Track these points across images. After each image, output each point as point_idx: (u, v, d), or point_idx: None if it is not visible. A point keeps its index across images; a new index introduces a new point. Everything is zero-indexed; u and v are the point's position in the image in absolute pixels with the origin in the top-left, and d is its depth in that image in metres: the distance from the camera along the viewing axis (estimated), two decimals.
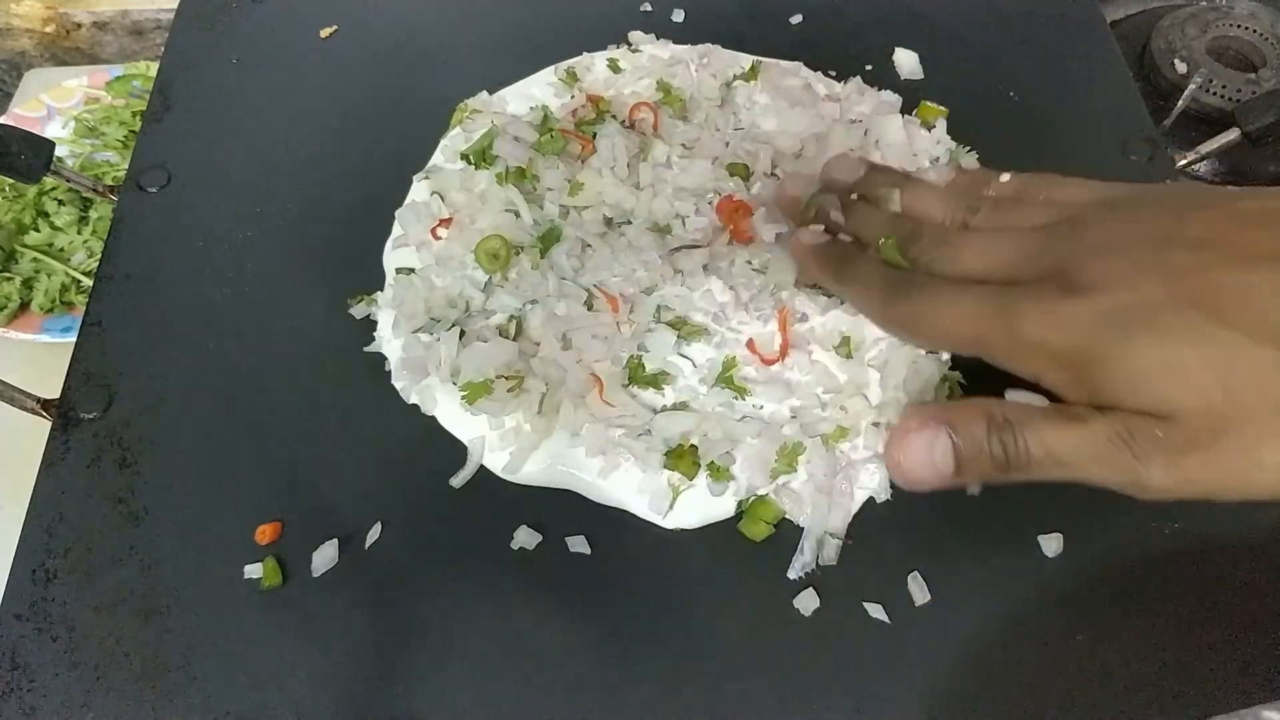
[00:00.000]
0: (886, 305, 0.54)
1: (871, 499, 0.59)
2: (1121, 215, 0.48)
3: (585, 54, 0.80)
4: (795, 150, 0.72)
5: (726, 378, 0.60)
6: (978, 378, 0.64)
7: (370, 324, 0.66)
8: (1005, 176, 0.58)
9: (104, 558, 0.57)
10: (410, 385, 0.63)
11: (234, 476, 0.60)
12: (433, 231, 0.68)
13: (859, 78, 0.79)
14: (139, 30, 1.34)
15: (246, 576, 0.56)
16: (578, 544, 0.57)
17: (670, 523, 0.58)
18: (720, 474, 0.58)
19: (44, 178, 0.68)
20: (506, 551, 0.57)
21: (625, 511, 0.58)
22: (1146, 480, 0.42)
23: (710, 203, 0.68)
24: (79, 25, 1.32)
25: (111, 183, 0.76)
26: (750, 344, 0.62)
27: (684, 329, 0.62)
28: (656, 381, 0.60)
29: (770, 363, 0.61)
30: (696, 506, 0.58)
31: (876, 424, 0.60)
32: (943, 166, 0.72)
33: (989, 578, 0.56)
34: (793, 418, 0.60)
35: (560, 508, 0.59)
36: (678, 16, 0.85)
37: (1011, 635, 0.54)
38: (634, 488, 0.58)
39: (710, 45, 0.80)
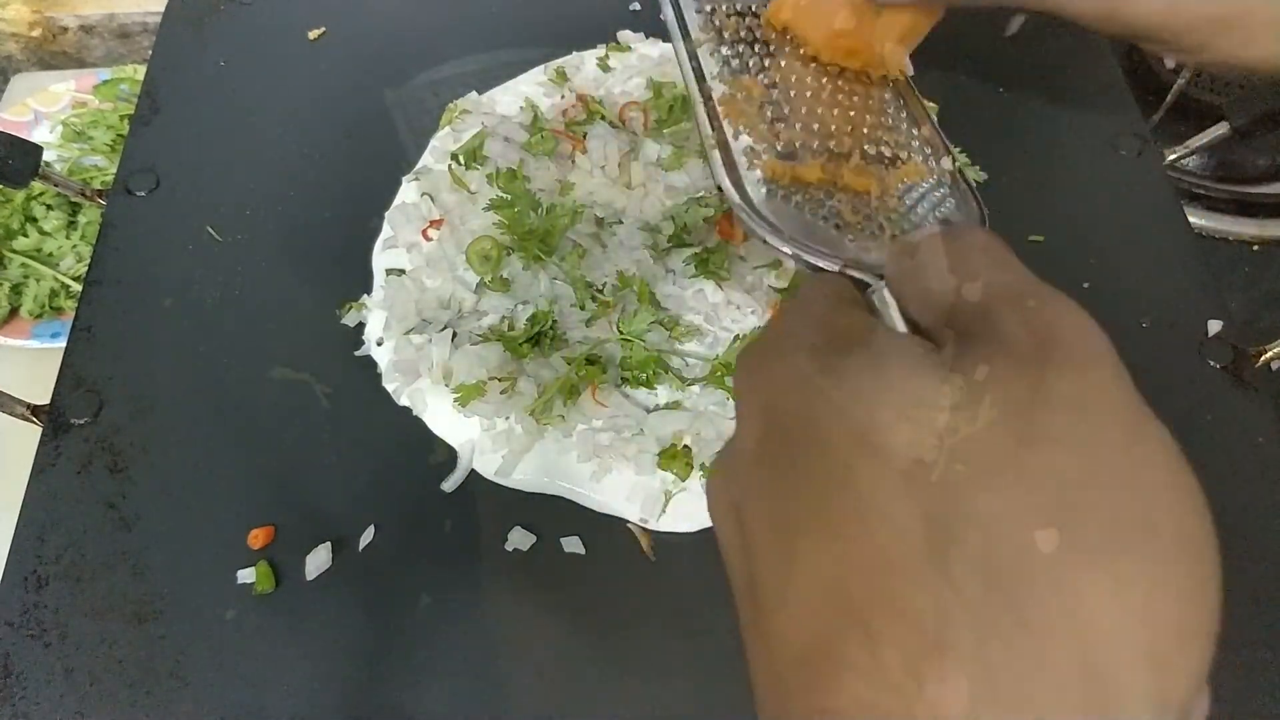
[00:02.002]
0: None
1: None
2: None
3: (575, 53, 0.80)
4: None
5: (718, 378, 0.60)
6: None
7: (361, 326, 0.66)
8: None
9: (96, 563, 0.56)
10: (402, 388, 0.62)
11: (226, 481, 0.60)
12: (423, 233, 0.68)
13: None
14: (126, 33, 1.33)
15: (240, 581, 0.56)
16: (572, 544, 0.57)
17: (665, 526, 0.58)
18: None
19: (32, 183, 0.68)
20: (500, 553, 0.57)
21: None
22: None
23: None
24: (65, 29, 1.32)
25: (100, 187, 0.75)
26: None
27: (676, 329, 0.62)
28: (649, 381, 0.60)
29: None
30: (691, 513, 0.58)
31: None
32: None
33: None
34: None
35: (554, 510, 0.58)
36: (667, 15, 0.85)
37: None
38: (624, 495, 0.58)
39: None
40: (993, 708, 0.22)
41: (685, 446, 0.58)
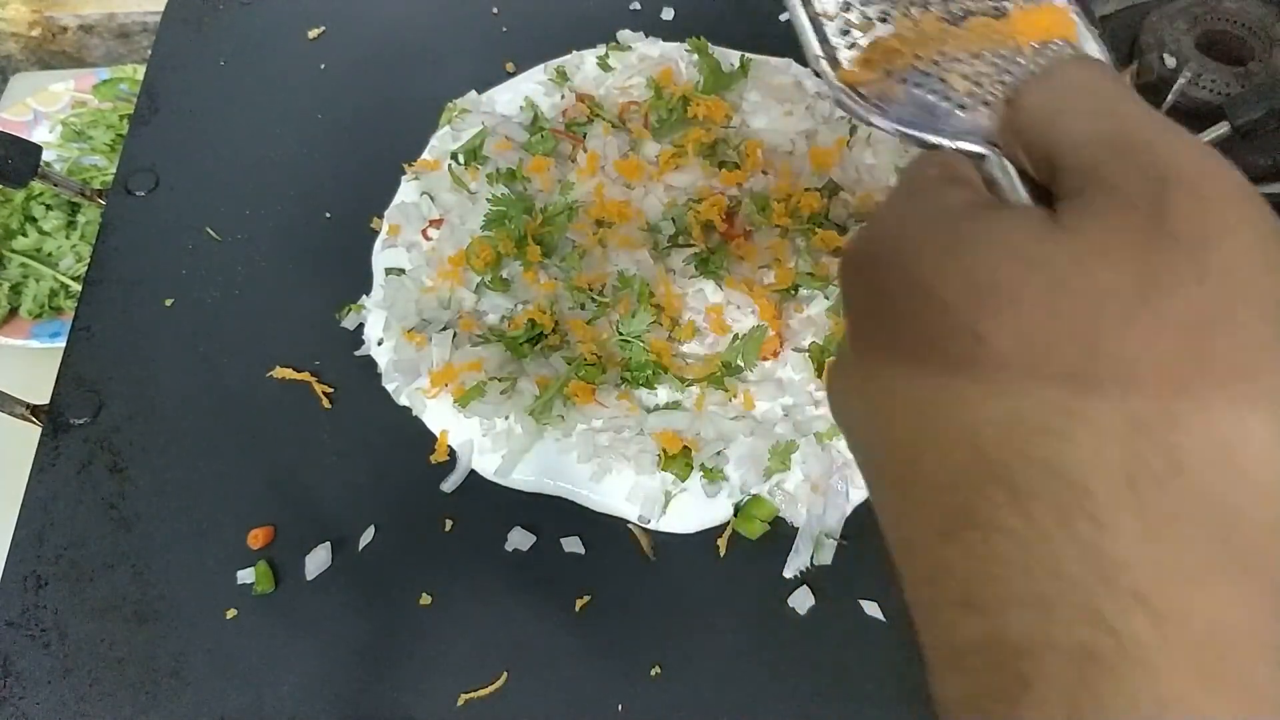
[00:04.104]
0: None
1: (867, 498, 0.59)
2: None
3: (575, 52, 0.80)
4: (786, 148, 0.72)
5: (718, 378, 0.60)
6: None
7: (361, 327, 0.66)
8: None
9: (96, 564, 0.56)
10: (402, 387, 0.62)
11: (225, 481, 0.60)
12: (423, 232, 0.68)
13: None
14: (125, 33, 1.33)
15: (240, 581, 0.56)
16: (572, 544, 0.57)
17: (665, 526, 0.58)
18: (714, 475, 0.58)
19: (31, 182, 0.68)
20: (500, 553, 0.57)
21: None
22: None
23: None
24: (65, 29, 1.31)
25: (99, 187, 0.75)
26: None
27: (676, 329, 0.62)
28: (649, 381, 0.60)
29: (765, 358, 0.61)
30: (691, 513, 0.58)
31: None
32: None
33: None
34: (785, 416, 0.60)
35: (554, 510, 0.58)
36: (667, 14, 0.85)
37: None
38: (624, 495, 0.58)
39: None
40: (1154, 547, 0.22)
41: (685, 447, 0.58)
